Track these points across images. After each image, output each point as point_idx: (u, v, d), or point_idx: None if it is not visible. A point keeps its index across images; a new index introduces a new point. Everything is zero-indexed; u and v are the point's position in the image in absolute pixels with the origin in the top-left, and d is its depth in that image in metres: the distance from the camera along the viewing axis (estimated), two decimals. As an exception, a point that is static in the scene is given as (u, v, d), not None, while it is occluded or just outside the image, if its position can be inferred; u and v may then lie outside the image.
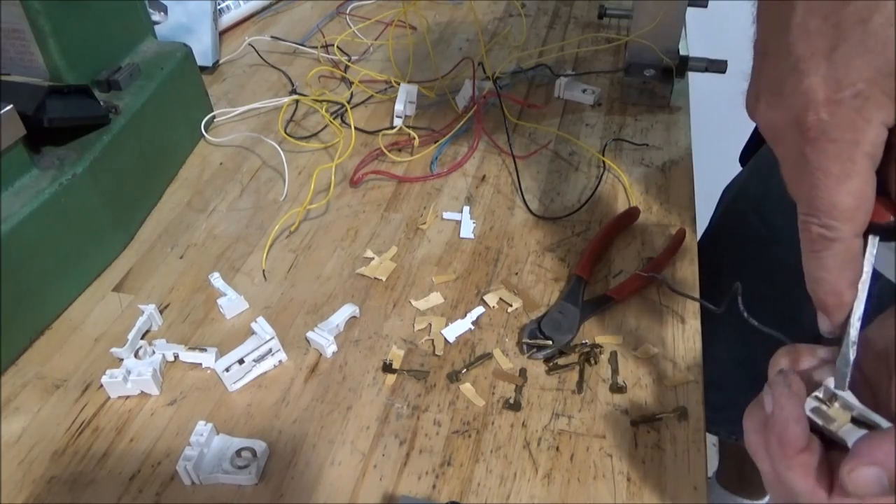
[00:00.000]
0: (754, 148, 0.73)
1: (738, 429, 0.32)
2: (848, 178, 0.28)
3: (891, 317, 0.31)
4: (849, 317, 0.31)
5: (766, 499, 1.22)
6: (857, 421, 0.30)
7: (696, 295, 0.54)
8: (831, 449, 0.30)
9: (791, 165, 0.30)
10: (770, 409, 0.30)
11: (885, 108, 0.27)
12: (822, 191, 0.29)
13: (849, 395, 0.30)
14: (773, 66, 0.30)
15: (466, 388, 0.48)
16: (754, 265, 0.69)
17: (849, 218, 0.29)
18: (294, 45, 0.89)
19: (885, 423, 0.29)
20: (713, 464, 1.23)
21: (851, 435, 0.29)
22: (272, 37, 0.90)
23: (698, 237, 0.60)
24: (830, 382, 0.31)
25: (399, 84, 0.75)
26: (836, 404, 0.30)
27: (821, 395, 0.31)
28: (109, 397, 0.49)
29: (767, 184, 0.68)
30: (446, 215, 0.63)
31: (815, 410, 0.30)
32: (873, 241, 0.30)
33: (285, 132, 0.72)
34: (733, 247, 0.73)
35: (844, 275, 0.30)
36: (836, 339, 0.31)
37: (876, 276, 0.31)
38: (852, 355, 0.31)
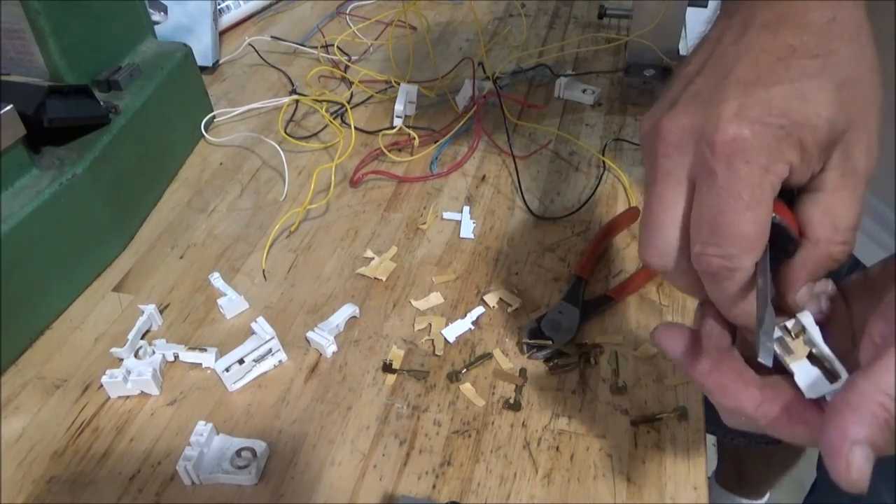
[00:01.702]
0: None
1: (743, 431, 0.32)
2: (755, 206, 0.27)
3: (891, 259, 0.31)
4: (762, 288, 0.30)
5: (766, 498, 1.22)
6: (814, 357, 0.30)
7: None
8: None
9: (679, 183, 0.29)
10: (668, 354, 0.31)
11: (796, 152, 0.28)
12: (727, 216, 0.27)
13: (815, 331, 0.30)
14: (704, 82, 0.29)
15: (466, 388, 0.48)
16: None
17: (750, 248, 0.28)
18: (294, 45, 0.89)
19: (837, 364, 0.29)
20: (712, 464, 1.23)
21: (800, 370, 0.29)
22: (272, 37, 0.90)
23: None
24: (805, 317, 0.31)
25: (399, 84, 0.75)
26: (801, 338, 0.30)
27: (788, 326, 0.31)
28: (109, 397, 0.49)
29: None
30: (446, 215, 0.63)
31: (778, 340, 0.30)
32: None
33: (285, 132, 0.72)
34: None
35: (748, 298, 0.30)
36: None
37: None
38: (772, 324, 0.30)
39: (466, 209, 0.63)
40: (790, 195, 0.30)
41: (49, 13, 0.54)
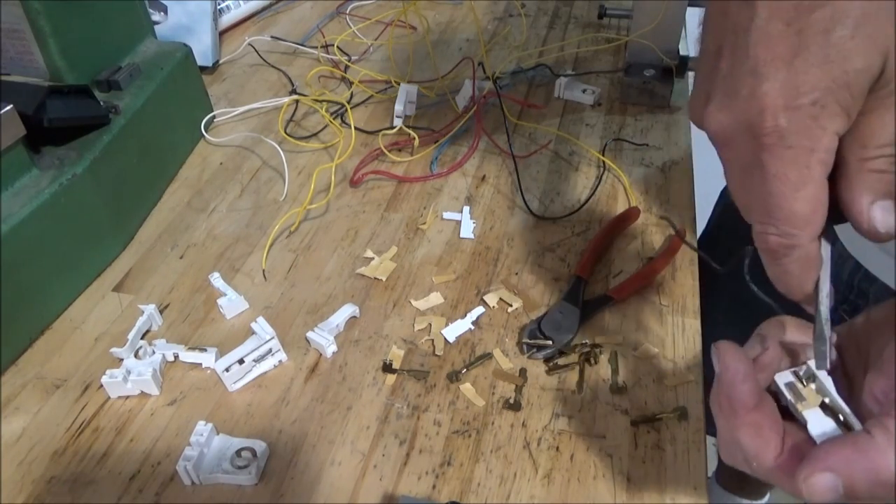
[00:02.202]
0: None
1: None
2: (804, 185, 0.28)
3: (874, 310, 0.31)
4: (818, 296, 0.31)
5: (766, 499, 1.22)
6: (826, 407, 0.30)
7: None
8: (791, 420, 0.30)
9: (740, 172, 0.30)
10: (717, 368, 0.31)
11: (838, 117, 0.28)
12: (778, 198, 0.29)
13: (827, 381, 0.30)
14: (728, 69, 0.29)
15: (466, 388, 0.48)
16: (752, 263, 0.69)
17: (806, 224, 0.29)
18: (294, 45, 0.89)
19: (852, 417, 0.29)
20: (712, 464, 1.23)
21: (813, 419, 0.30)
22: (272, 37, 0.90)
23: (697, 236, 0.60)
24: (813, 363, 0.31)
25: (399, 84, 0.75)
26: (812, 385, 0.31)
27: (800, 373, 0.31)
28: (109, 397, 0.49)
29: None
30: (446, 215, 0.63)
31: (789, 385, 0.31)
32: (827, 247, 0.31)
33: (285, 132, 0.72)
34: (732, 245, 0.74)
35: (809, 275, 0.31)
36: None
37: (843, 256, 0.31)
38: (828, 332, 0.31)
39: (466, 209, 0.63)
40: None
41: (49, 13, 0.54)
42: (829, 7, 0.27)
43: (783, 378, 0.31)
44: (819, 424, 0.29)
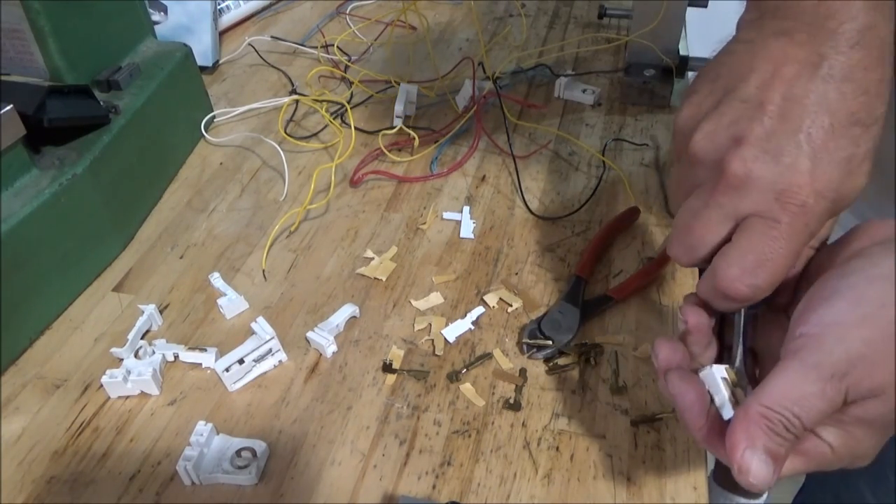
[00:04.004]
0: None
1: None
2: (795, 255, 0.32)
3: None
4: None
5: (764, 498, 1.22)
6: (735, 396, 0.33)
7: None
8: None
9: (727, 217, 0.32)
10: (673, 395, 0.33)
11: (828, 218, 0.32)
12: (776, 257, 0.31)
13: (738, 370, 0.34)
14: (773, 128, 0.31)
15: (466, 388, 0.48)
16: None
17: (774, 285, 0.32)
18: (294, 45, 0.89)
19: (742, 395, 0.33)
20: (710, 463, 1.23)
21: (724, 409, 0.32)
22: (272, 37, 0.90)
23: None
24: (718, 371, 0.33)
25: (399, 84, 0.75)
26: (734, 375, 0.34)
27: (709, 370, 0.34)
28: (109, 397, 0.49)
29: None
30: (446, 215, 0.63)
31: (724, 380, 0.33)
32: None
33: (285, 132, 0.72)
34: None
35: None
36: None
37: None
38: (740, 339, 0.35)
39: (466, 209, 0.63)
40: None
41: (49, 13, 0.54)
42: (869, 130, 0.30)
43: (719, 372, 0.33)
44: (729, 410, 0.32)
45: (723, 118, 0.32)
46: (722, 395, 0.32)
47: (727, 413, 0.32)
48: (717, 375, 0.32)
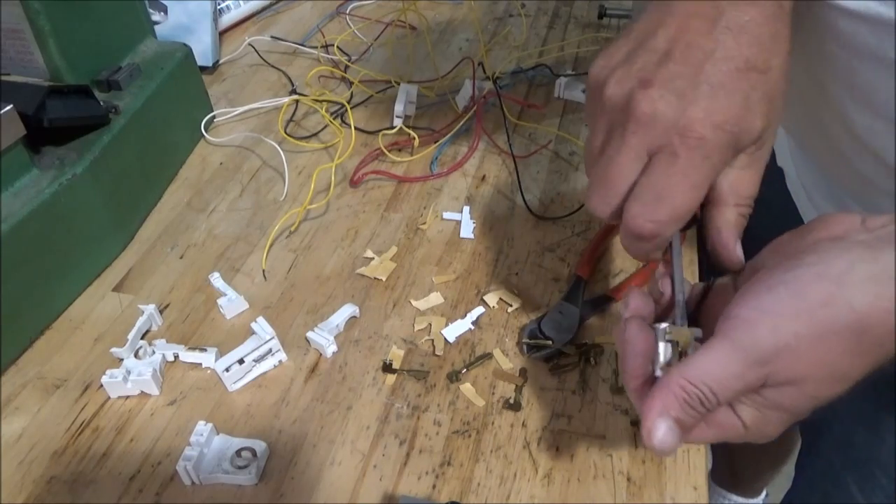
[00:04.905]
0: None
1: None
2: (697, 189, 0.33)
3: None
4: (673, 270, 0.36)
5: (762, 497, 1.22)
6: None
7: None
8: None
9: (637, 155, 0.34)
10: (624, 341, 0.34)
11: (732, 154, 0.34)
12: (675, 192, 0.33)
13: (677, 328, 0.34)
14: (677, 72, 0.33)
15: (466, 388, 0.48)
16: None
17: (679, 220, 0.34)
18: (294, 45, 0.89)
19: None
20: (708, 463, 1.23)
21: (656, 367, 0.33)
22: (272, 37, 0.90)
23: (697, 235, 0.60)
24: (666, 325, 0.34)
25: (399, 84, 0.75)
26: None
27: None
28: (109, 397, 0.49)
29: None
30: (446, 215, 0.63)
31: (669, 342, 0.34)
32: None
33: (285, 132, 0.72)
34: None
35: (659, 252, 0.36)
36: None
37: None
38: (681, 299, 0.35)
39: (466, 209, 0.63)
40: None
41: (49, 13, 0.54)
42: (766, 76, 0.33)
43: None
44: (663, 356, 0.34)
45: (632, 66, 0.34)
46: (658, 354, 0.33)
47: (658, 372, 0.33)
48: (662, 334, 0.33)
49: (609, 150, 0.35)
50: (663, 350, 0.33)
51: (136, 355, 0.50)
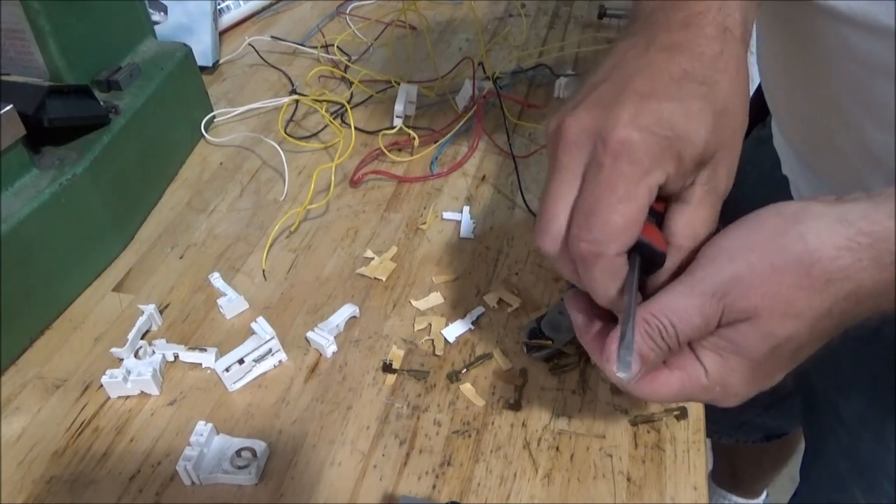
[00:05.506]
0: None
1: (731, 430, 0.35)
2: (627, 201, 0.31)
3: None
4: (627, 306, 0.33)
5: (762, 497, 1.22)
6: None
7: None
8: None
9: (572, 176, 0.32)
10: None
11: (673, 163, 0.31)
12: (601, 205, 0.31)
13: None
14: (605, 90, 0.33)
15: (466, 388, 0.48)
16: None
17: (615, 237, 0.31)
18: (294, 45, 0.89)
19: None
20: (709, 463, 1.23)
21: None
22: (272, 37, 0.90)
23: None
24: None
25: (399, 84, 0.75)
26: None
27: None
28: (109, 397, 0.49)
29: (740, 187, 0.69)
30: (446, 215, 0.63)
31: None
32: (636, 258, 0.33)
33: (285, 132, 0.72)
34: None
35: (610, 284, 0.33)
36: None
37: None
38: (632, 339, 0.33)
39: (466, 209, 0.63)
40: (659, 216, 0.34)
41: (49, 13, 0.54)
42: (708, 88, 0.32)
43: None
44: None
45: (572, 100, 0.34)
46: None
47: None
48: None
49: (547, 181, 0.34)
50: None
51: (136, 355, 0.50)
